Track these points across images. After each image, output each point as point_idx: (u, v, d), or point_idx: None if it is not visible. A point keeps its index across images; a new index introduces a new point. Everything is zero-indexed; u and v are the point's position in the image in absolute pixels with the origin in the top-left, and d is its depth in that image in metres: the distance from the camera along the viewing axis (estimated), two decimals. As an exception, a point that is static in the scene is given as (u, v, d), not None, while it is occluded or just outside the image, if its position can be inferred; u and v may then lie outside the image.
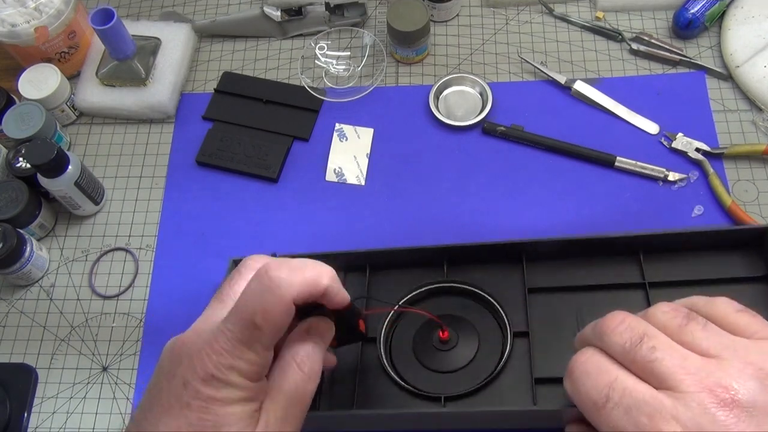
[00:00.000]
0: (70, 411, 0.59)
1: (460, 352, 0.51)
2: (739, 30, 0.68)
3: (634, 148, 0.64)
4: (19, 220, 0.63)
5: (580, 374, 0.34)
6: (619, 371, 0.32)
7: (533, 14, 0.74)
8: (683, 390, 0.30)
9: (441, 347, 0.51)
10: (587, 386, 0.33)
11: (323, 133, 0.69)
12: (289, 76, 0.73)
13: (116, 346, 0.61)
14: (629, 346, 0.32)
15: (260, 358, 0.36)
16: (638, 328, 0.33)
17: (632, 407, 0.31)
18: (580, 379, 0.33)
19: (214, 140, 0.69)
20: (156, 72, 0.71)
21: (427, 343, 0.51)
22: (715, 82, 0.68)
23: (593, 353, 0.34)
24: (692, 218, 0.61)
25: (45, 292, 0.64)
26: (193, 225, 0.66)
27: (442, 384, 0.50)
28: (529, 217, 0.63)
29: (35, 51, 0.70)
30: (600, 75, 0.69)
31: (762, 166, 0.63)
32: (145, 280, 0.64)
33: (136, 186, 0.69)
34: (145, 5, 0.79)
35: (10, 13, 0.67)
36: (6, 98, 0.68)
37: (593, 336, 0.35)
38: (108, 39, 0.68)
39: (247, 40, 0.76)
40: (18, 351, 0.62)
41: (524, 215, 0.63)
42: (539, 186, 0.64)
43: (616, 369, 0.32)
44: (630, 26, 0.72)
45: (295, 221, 0.65)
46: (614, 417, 0.31)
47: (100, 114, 0.72)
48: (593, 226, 0.61)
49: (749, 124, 0.65)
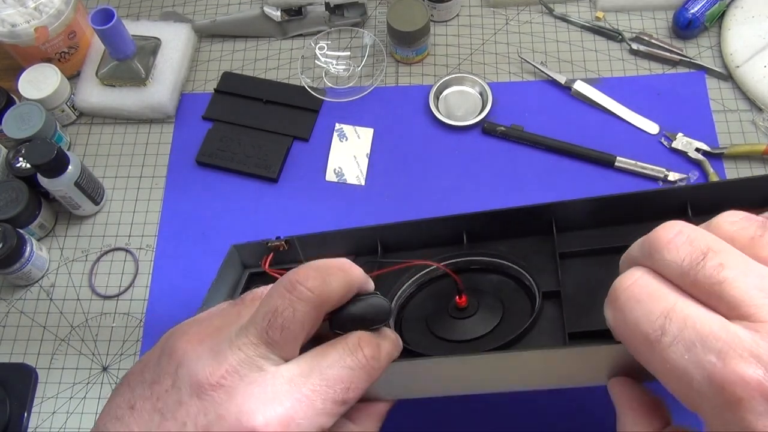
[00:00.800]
0: (70, 411, 0.59)
1: (480, 321, 0.44)
2: (739, 30, 0.68)
3: (634, 148, 0.64)
4: (19, 220, 0.63)
5: (626, 300, 0.27)
6: (678, 297, 0.26)
7: (533, 14, 0.74)
8: (763, 319, 0.23)
9: (458, 315, 0.44)
10: (636, 316, 0.26)
11: (323, 133, 0.69)
12: (289, 76, 0.73)
13: (116, 346, 0.61)
14: (689, 264, 0.25)
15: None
16: (701, 240, 0.26)
17: (696, 342, 0.24)
18: (627, 307, 0.27)
19: (214, 140, 0.69)
20: (156, 72, 0.71)
21: (443, 314, 0.45)
22: (715, 82, 0.68)
23: (643, 274, 0.27)
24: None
25: (45, 292, 0.64)
26: (193, 225, 0.66)
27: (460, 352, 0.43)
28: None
29: (35, 51, 0.70)
30: (600, 75, 0.69)
31: (762, 166, 0.63)
32: (145, 280, 0.64)
33: (136, 186, 0.69)
34: (145, 5, 0.79)
35: (10, 13, 0.67)
36: (6, 98, 0.68)
37: (642, 254, 0.28)
38: (108, 39, 0.68)
39: (247, 40, 0.76)
40: (18, 351, 0.62)
41: (524, 215, 0.63)
42: (539, 186, 0.64)
43: (674, 294, 0.26)
44: (630, 26, 0.72)
45: (295, 221, 0.65)
46: (672, 355, 0.25)
47: (100, 114, 0.72)
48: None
49: (749, 124, 0.65)
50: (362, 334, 0.34)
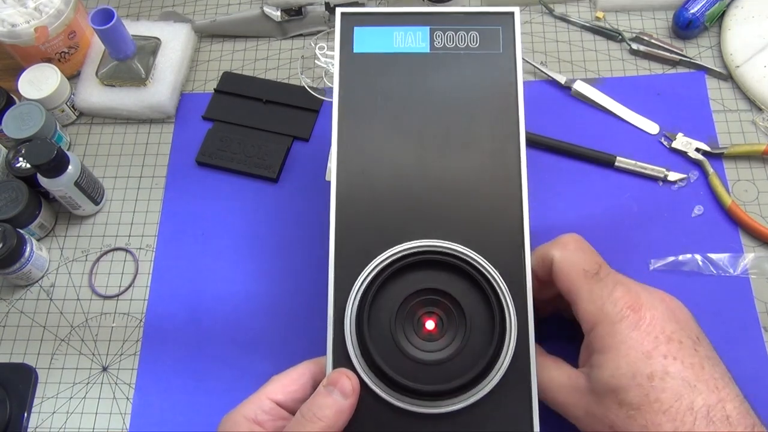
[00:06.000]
0: (70, 411, 0.59)
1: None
2: (739, 30, 0.68)
3: (634, 148, 0.64)
4: (19, 220, 0.63)
5: (575, 247, 0.45)
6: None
7: (533, 14, 0.74)
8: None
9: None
10: (581, 257, 0.44)
11: (323, 133, 0.69)
12: (289, 76, 0.73)
13: (116, 346, 0.61)
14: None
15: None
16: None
17: (612, 281, 0.43)
18: (575, 250, 0.45)
19: (214, 140, 0.69)
20: (156, 72, 0.71)
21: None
22: (715, 82, 0.68)
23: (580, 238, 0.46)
24: (692, 218, 0.61)
25: (45, 292, 0.64)
26: (193, 225, 0.66)
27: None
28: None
29: (35, 51, 0.70)
30: (600, 75, 0.69)
31: (762, 166, 0.64)
32: (145, 280, 0.64)
33: (136, 186, 0.69)
34: (145, 5, 0.79)
35: (10, 13, 0.67)
36: (6, 98, 0.68)
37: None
38: (108, 39, 0.68)
39: (247, 40, 0.76)
40: (18, 351, 0.62)
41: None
42: (539, 186, 0.64)
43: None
44: (630, 26, 0.72)
45: (295, 221, 0.65)
46: (596, 285, 0.43)
47: (100, 114, 0.72)
48: (593, 226, 0.61)
49: (749, 124, 0.66)
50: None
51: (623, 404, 0.39)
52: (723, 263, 0.59)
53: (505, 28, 0.49)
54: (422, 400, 0.41)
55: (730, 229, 0.61)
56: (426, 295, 0.43)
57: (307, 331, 0.59)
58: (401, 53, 0.49)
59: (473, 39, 0.49)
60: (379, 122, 0.48)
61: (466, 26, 0.49)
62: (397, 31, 0.50)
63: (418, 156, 0.47)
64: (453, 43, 0.49)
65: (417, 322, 0.43)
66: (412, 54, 0.49)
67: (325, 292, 0.44)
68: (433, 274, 0.44)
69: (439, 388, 0.41)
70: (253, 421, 0.42)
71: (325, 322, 0.43)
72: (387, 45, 0.50)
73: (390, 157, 0.47)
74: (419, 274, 0.44)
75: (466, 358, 0.42)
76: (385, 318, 0.43)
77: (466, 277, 0.43)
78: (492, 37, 0.49)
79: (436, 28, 0.50)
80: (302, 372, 0.45)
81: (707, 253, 0.59)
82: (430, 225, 0.45)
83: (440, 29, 0.49)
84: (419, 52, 0.49)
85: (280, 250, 0.63)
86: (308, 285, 0.61)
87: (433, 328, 0.43)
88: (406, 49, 0.49)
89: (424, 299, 0.43)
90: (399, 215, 0.46)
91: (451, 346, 0.42)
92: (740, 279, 0.58)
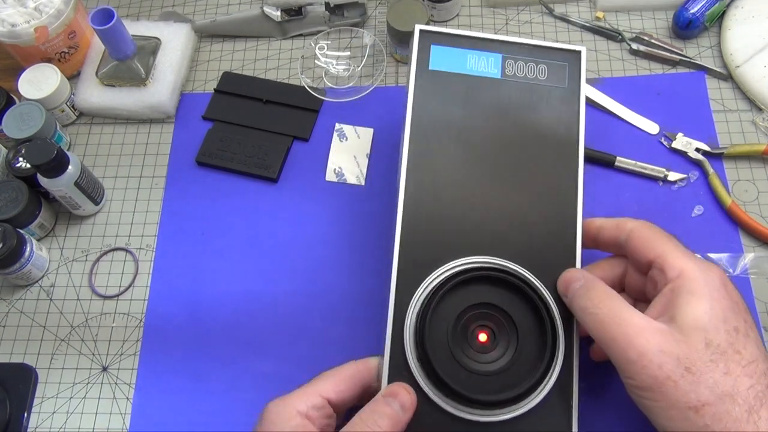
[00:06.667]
0: (70, 411, 0.59)
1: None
2: (739, 30, 0.68)
3: (634, 148, 0.64)
4: (19, 220, 0.63)
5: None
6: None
7: (533, 14, 0.74)
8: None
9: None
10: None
11: (323, 133, 0.69)
12: (289, 76, 0.73)
13: (116, 346, 0.61)
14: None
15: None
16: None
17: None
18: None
19: (214, 140, 0.69)
20: (156, 72, 0.71)
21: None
22: (715, 82, 0.68)
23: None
24: (692, 218, 0.61)
25: (45, 292, 0.64)
26: (193, 225, 0.66)
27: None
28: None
29: (35, 51, 0.70)
30: (600, 75, 0.69)
31: (762, 166, 0.64)
32: (145, 280, 0.64)
33: (136, 186, 0.69)
34: (145, 5, 0.79)
35: (10, 13, 0.67)
36: (6, 98, 0.68)
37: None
38: (108, 39, 0.68)
39: (247, 40, 0.76)
40: (18, 351, 0.62)
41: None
42: (539, 186, 0.64)
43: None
44: (630, 26, 0.72)
45: (295, 221, 0.65)
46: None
47: (100, 114, 0.72)
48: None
49: (749, 124, 0.66)
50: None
51: (710, 345, 0.39)
52: (723, 263, 0.59)
53: (572, 65, 0.53)
54: (477, 409, 0.44)
55: (730, 229, 0.61)
56: (480, 309, 0.46)
57: (307, 331, 0.59)
58: (473, 75, 0.52)
59: (542, 71, 0.53)
60: (448, 139, 0.51)
61: (536, 58, 0.53)
62: (471, 54, 0.53)
63: (483, 176, 0.50)
64: (523, 73, 0.52)
65: (471, 335, 0.45)
66: (484, 77, 0.52)
67: (325, 293, 0.44)
68: (485, 289, 0.46)
69: (499, 398, 0.43)
70: (305, 416, 0.42)
71: (325, 323, 0.43)
72: (460, 66, 0.53)
73: (456, 174, 0.50)
74: (473, 289, 0.46)
75: (518, 370, 0.44)
76: (443, 329, 0.45)
77: (517, 293, 0.46)
78: (559, 72, 0.53)
79: (508, 57, 0.53)
80: (352, 373, 0.45)
81: (707, 252, 0.59)
82: (486, 243, 0.48)
83: (512, 58, 0.53)
84: (491, 76, 0.52)
85: (280, 250, 0.63)
86: (308, 285, 0.61)
87: (485, 340, 0.45)
88: (478, 72, 0.52)
89: (477, 313, 0.46)
90: (458, 232, 0.48)
91: (503, 358, 0.45)
92: (740, 279, 0.58)
